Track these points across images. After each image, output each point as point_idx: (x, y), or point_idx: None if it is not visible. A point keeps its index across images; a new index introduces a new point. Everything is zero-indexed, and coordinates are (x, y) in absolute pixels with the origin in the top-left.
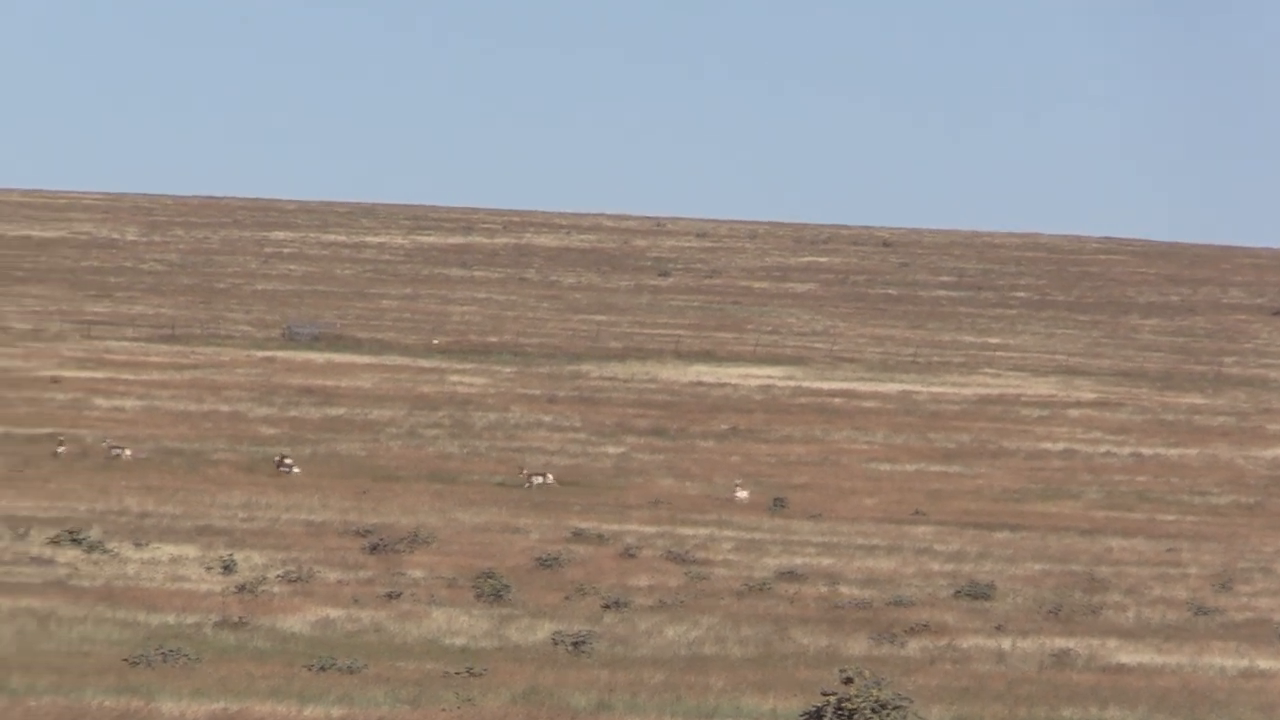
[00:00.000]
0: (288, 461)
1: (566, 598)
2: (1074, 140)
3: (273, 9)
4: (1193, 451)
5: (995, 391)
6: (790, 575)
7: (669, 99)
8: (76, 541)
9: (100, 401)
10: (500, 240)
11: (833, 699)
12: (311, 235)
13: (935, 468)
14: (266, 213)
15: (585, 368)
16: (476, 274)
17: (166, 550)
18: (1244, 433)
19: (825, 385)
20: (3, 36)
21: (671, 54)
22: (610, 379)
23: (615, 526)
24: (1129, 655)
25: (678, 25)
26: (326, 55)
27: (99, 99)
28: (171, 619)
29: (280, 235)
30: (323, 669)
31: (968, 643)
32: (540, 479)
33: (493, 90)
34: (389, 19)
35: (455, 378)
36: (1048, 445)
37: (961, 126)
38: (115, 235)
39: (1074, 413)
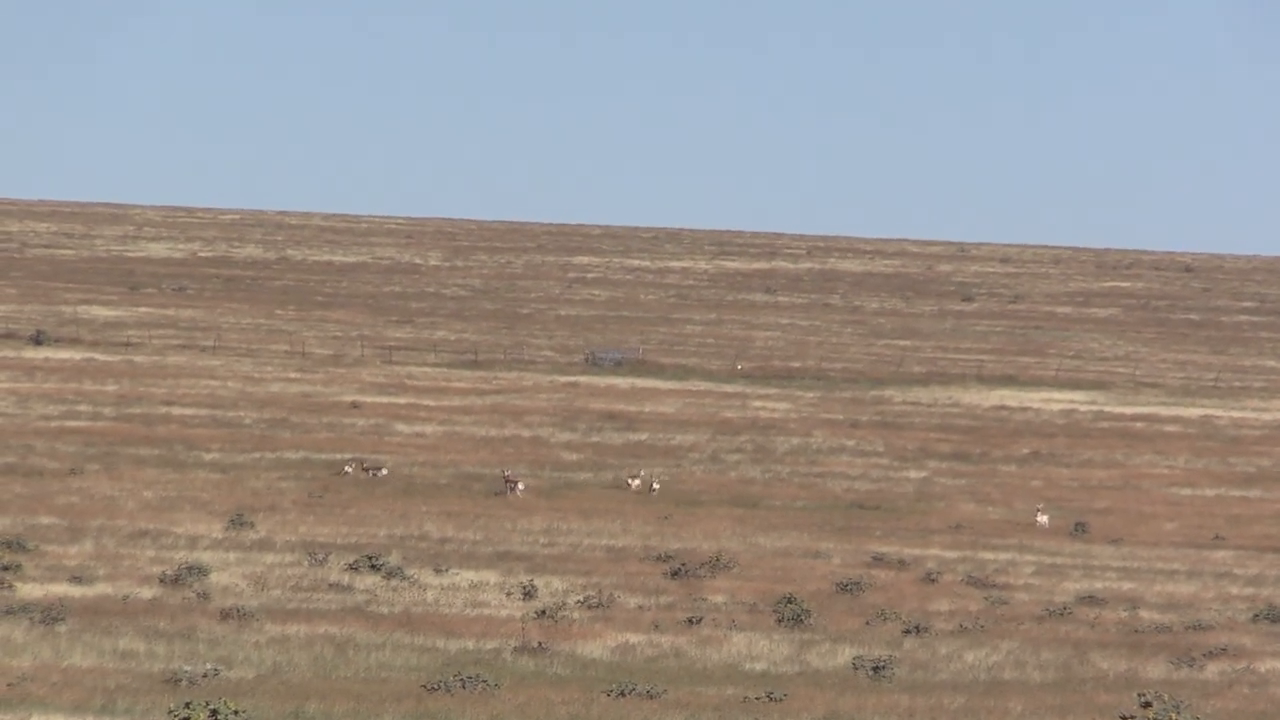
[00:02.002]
0: (515, 482)
1: (867, 623)
2: None
3: (579, 37)
4: None
5: None
6: (1090, 600)
7: (978, 128)
8: (375, 567)
9: (401, 427)
10: (804, 265)
11: None
12: (615, 260)
13: (1235, 492)
14: (570, 238)
15: (888, 392)
16: (780, 299)
17: (466, 576)
18: None
19: (1126, 410)
20: (309, 65)
21: (972, 81)
22: (913, 404)
23: (916, 551)
24: None
25: (977, 55)
26: (633, 85)
27: (404, 124)
28: (470, 645)
29: (584, 260)
30: (622, 694)
31: (1266, 666)
32: (636, 480)
33: (801, 116)
34: (709, 46)
35: (758, 403)
36: None
37: (1263, 152)
38: (417, 260)
39: None
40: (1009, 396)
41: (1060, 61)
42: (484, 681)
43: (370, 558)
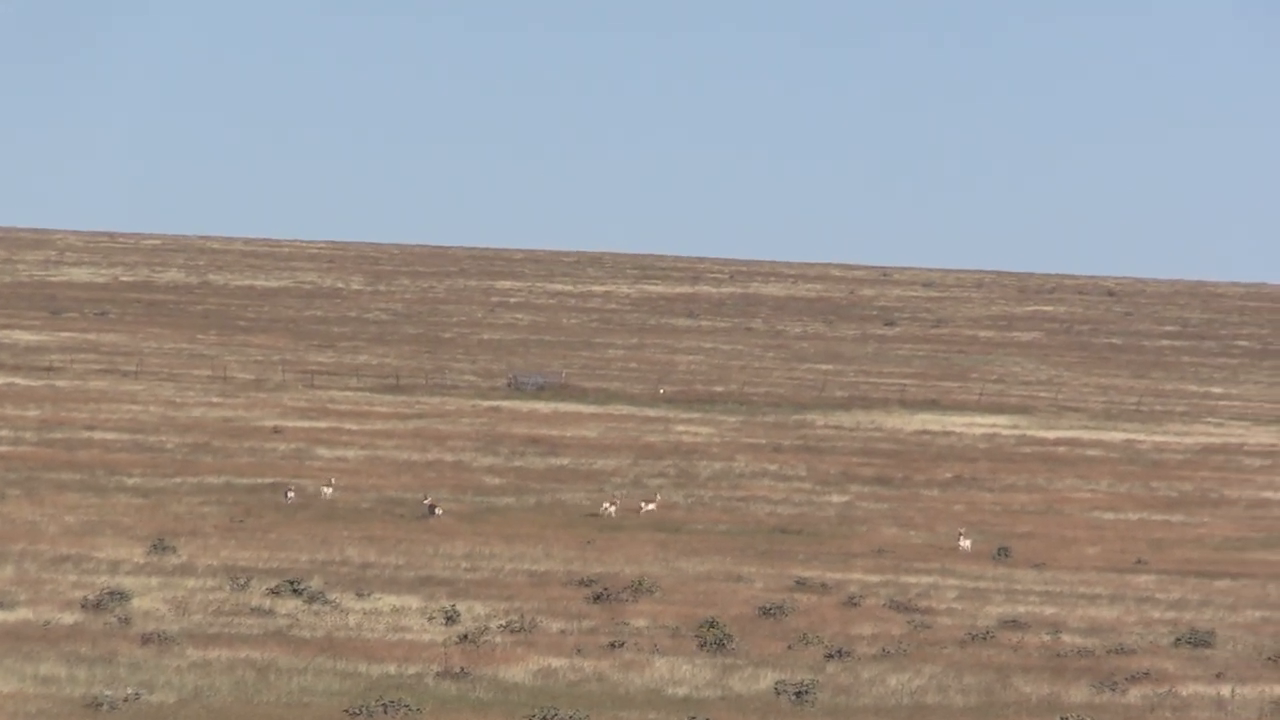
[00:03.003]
0: (434, 506)
1: (789, 647)
2: None
3: (498, 60)
4: None
5: (1218, 440)
6: (1012, 624)
7: (895, 149)
8: (297, 592)
9: (323, 451)
10: (726, 289)
11: None
12: (538, 284)
13: (1158, 516)
14: (492, 262)
15: (810, 417)
16: (702, 323)
17: (388, 600)
18: None
19: (1049, 434)
20: (230, 90)
21: (895, 104)
22: (835, 428)
23: (838, 575)
24: None
25: (900, 77)
26: (555, 109)
27: (323, 148)
28: (392, 669)
29: (506, 284)
30: (544, 719)
31: (1188, 690)
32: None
33: (721, 140)
34: (617, 69)
35: (680, 427)
36: (1269, 494)
37: (1185, 177)
38: (339, 284)
39: None
40: (931, 421)
41: (980, 86)
42: (406, 706)
43: (292, 582)
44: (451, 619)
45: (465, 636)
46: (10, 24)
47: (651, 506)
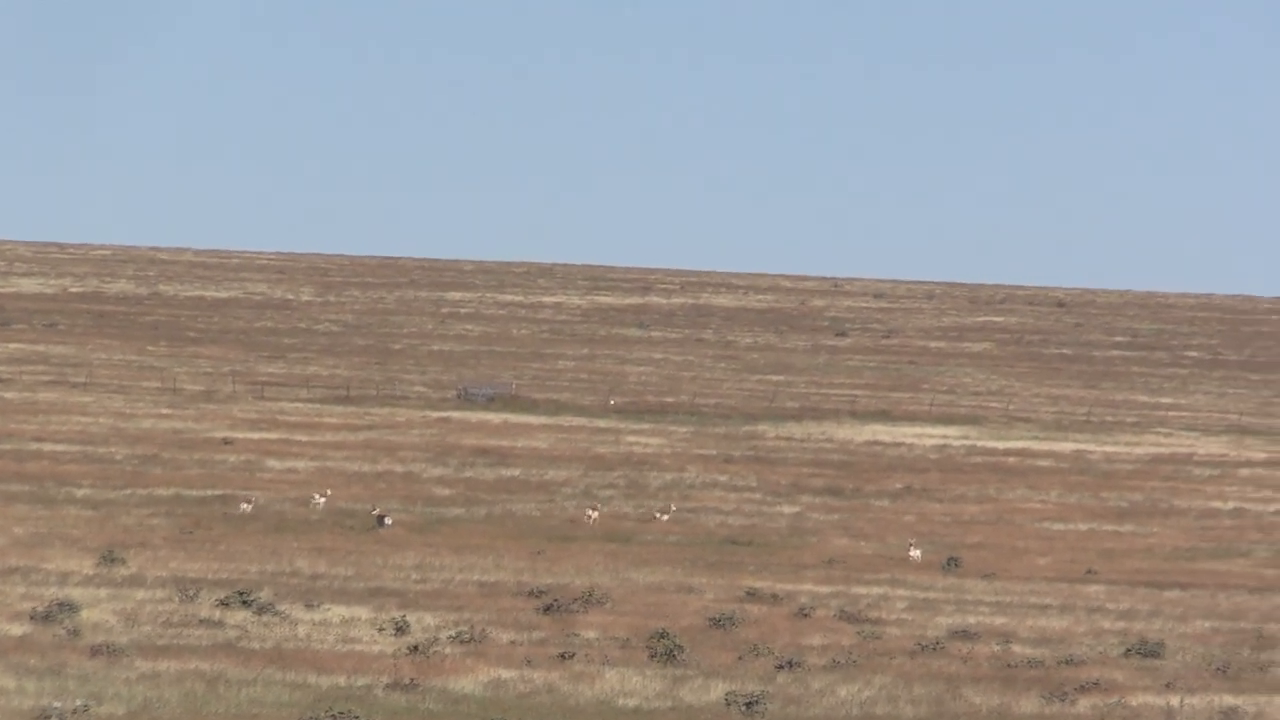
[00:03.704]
0: (383, 517)
1: (740, 658)
2: (1247, 200)
3: (449, 70)
4: None
5: (1167, 451)
6: (963, 634)
7: (847, 160)
8: (246, 603)
9: (273, 463)
10: (677, 300)
11: None
12: (489, 295)
13: (1108, 527)
14: (443, 273)
15: (761, 428)
16: (653, 334)
17: (338, 612)
18: None
19: (999, 445)
20: (179, 97)
21: (848, 116)
22: (786, 439)
23: (789, 586)
24: None
25: (856, 87)
26: (504, 116)
27: (273, 158)
28: (342, 681)
29: (457, 295)
30: None
31: (1137, 700)
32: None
33: (671, 151)
34: (566, 80)
35: (631, 438)
36: (1218, 504)
37: (1135, 188)
38: (289, 295)
39: (1245, 472)
40: (882, 431)
41: (929, 98)
42: (356, 717)
43: (241, 594)
44: (401, 630)
45: (415, 648)
46: None
47: (666, 517)
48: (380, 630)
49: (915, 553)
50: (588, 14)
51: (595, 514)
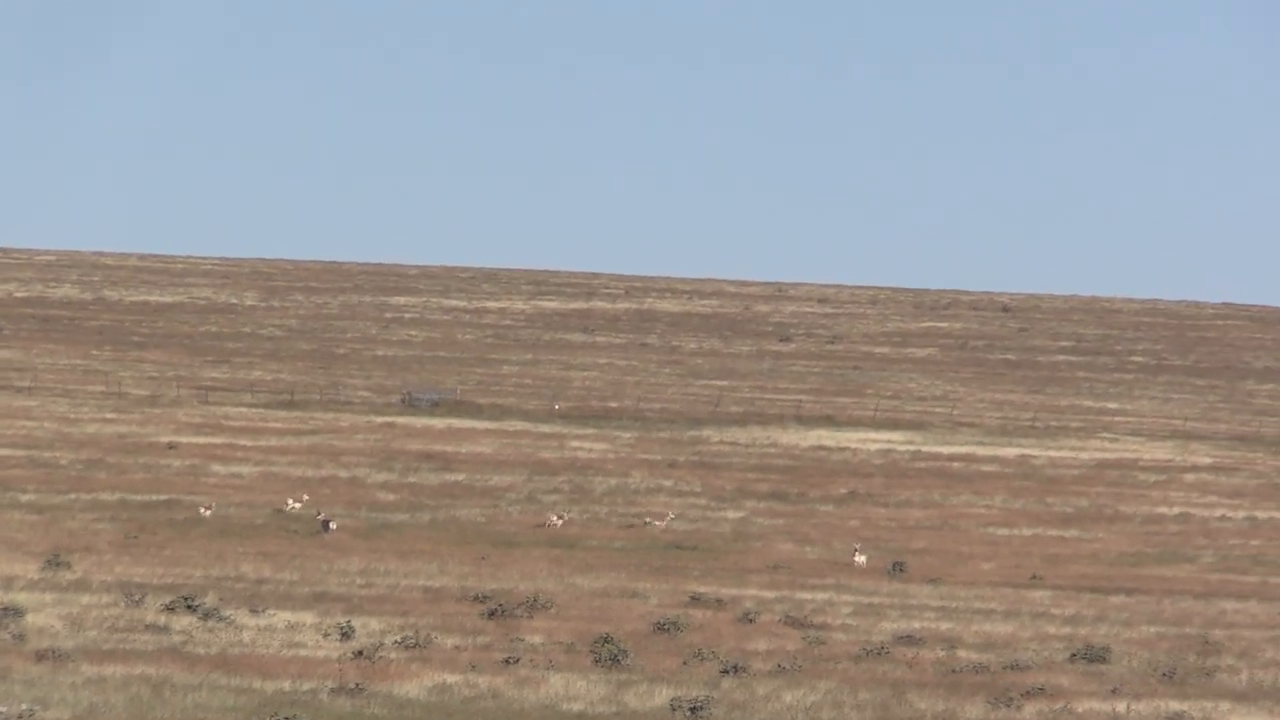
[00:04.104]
0: (328, 522)
1: (684, 663)
2: (1193, 206)
3: (392, 75)
4: None
5: (1112, 456)
6: (908, 639)
7: (790, 164)
8: (191, 608)
9: (217, 467)
10: (622, 305)
11: None
12: (433, 300)
13: (1053, 532)
14: (387, 278)
15: (706, 433)
16: (598, 339)
17: (283, 616)
18: None
19: (944, 450)
20: (121, 102)
21: (793, 119)
22: (730, 444)
23: (734, 591)
24: (1241, 718)
25: (799, 92)
26: (447, 120)
27: (216, 163)
28: (287, 686)
29: (401, 300)
30: None
31: (1083, 706)
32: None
33: (614, 155)
34: (511, 85)
35: (575, 443)
36: (1164, 509)
37: (1080, 193)
38: (234, 300)
39: (1190, 477)
40: (827, 437)
41: (870, 102)
42: None
43: (187, 598)
44: (346, 635)
45: (360, 652)
46: None
47: (660, 524)
48: (325, 635)
49: (860, 558)
50: (531, 17)
51: (560, 520)
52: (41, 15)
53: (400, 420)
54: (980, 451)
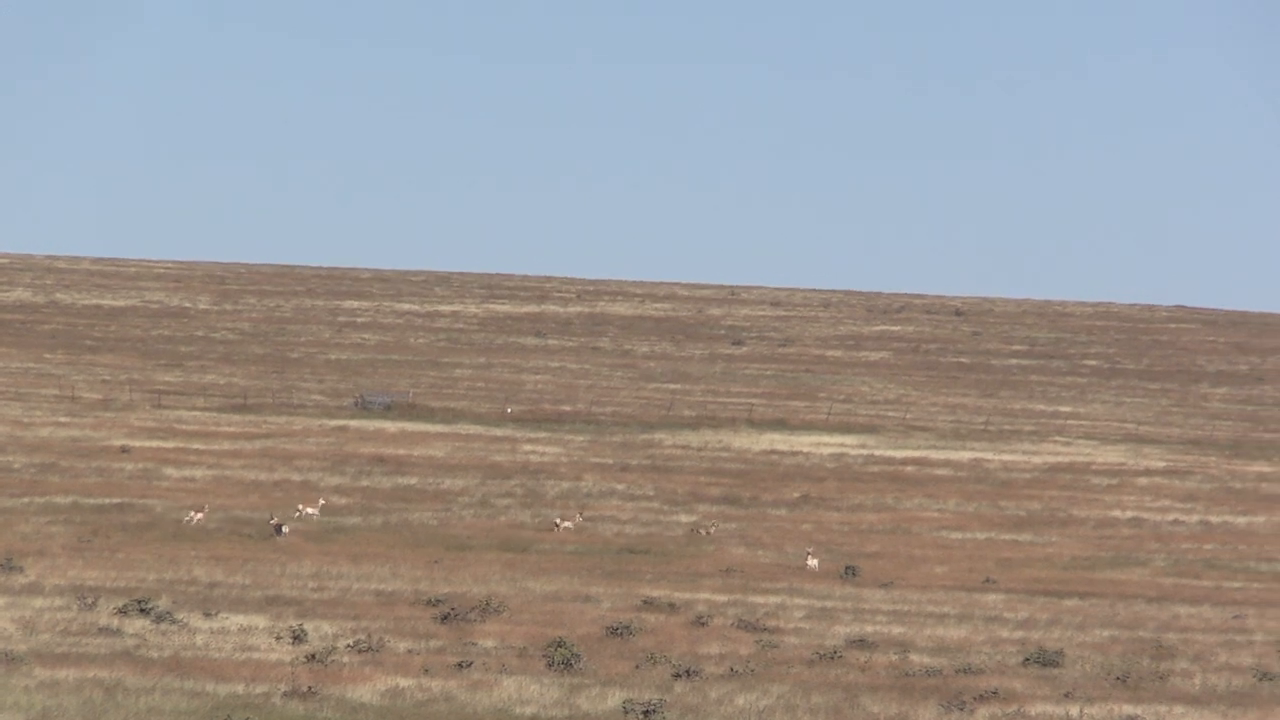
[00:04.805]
0: (280, 525)
1: (637, 666)
2: (1145, 209)
3: (346, 77)
4: (1260, 519)
5: (1065, 459)
6: (861, 643)
7: (743, 168)
8: (144, 612)
9: (170, 471)
10: (574, 309)
11: None
12: (385, 304)
13: (1006, 536)
14: (340, 282)
15: (658, 436)
16: (550, 343)
17: (236, 620)
18: None
19: (897, 453)
20: (72, 105)
21: (747, 123)
22: (683, 447)
23: (687, 595)
24: None
25: (752, 96)
26: (399, 123)
27: (169, 166)
28: (240, 689)
29: (354, 304)
30: None
31: (1036, 710)
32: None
33: (567, 159)
34: (460, 88)
35: (528, 447)
36: (1117, 513)
37: (1032, 196)
38: (187, 304)
39: (1143, 481)
40: (779, 440)
41: (823, 105)
42: None
43: (140, 602)
44: (299, 638)
45: (313, 656)
46: None
47: (569, 524)
48: (278, 639)
49: (813, 561)
50: (480, 19)
51: (569, 524)
52: None
53: (353, 424)
54: (933, 455)
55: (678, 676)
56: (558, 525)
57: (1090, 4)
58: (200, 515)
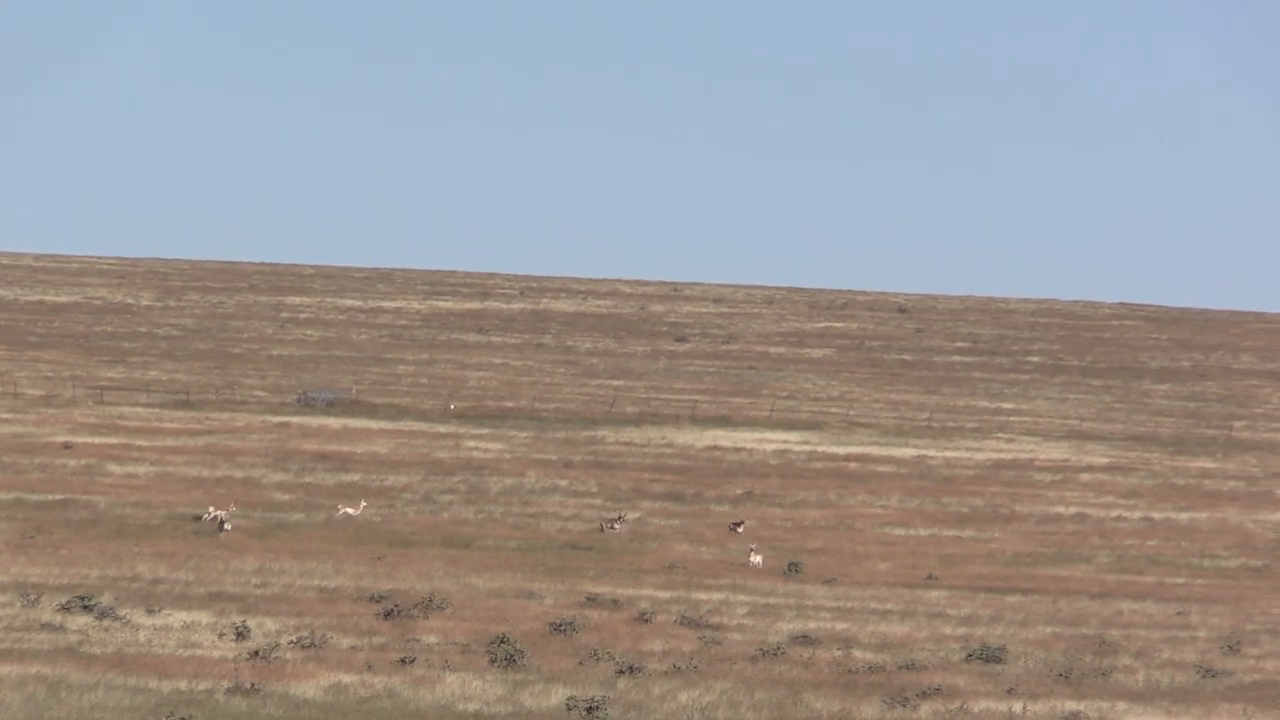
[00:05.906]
0: (223, 521)
1: (580, 663)
2: (1088, 206)
3: (287, 73)
4: (1203, 515)
5: (1008, 456)
6: (804, 639)
7: (685, 165)
8: (87, 608)
9: (113, 468)
10: (517, 305)
11: None
12: (328, 300)
13: (949, 532)
14: (283, 278)
15: (601, 433)
16: (493, 339)
17: (179, 617)
18: (1253, 497)
19: (840, 450)
20: (13, 101)
21: (687, 120)
22: (626, 444)
23: (629, 591)
24: (1138, 718)
25: (693, 94)
26: (341, 120)
27: (112, 162)
28: (183, 685)
29: (296, 300)
30: None
31: (979, 706)
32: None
33: (509, 156)
34: (403, 86)
35: (471, 443)
36: (1060, 509)
37: (975, 193)
38: (129, 300)
39: (1086, 477)
40: (722, 437)
41: (761, 102)
42: None
43: (83, 598)
44: (242, 635)
45: (256, 653)
46: None
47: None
48: (221, 635)
49: (756, 558)
50: (431, 18)
51: (618, 526)
52: None
53: (296, 420)
54: (876, 452)
55: (621, 673)
56: (615, 526)
57: (1022, 5)
58: (221, 514)
